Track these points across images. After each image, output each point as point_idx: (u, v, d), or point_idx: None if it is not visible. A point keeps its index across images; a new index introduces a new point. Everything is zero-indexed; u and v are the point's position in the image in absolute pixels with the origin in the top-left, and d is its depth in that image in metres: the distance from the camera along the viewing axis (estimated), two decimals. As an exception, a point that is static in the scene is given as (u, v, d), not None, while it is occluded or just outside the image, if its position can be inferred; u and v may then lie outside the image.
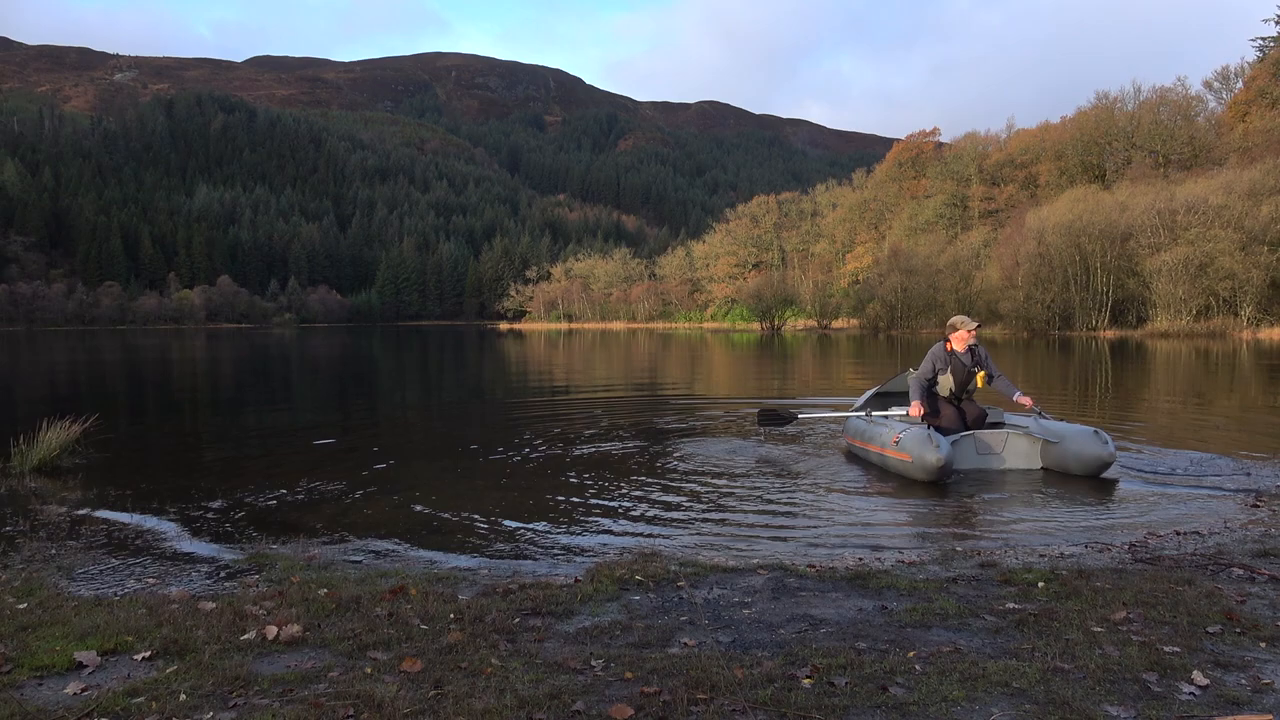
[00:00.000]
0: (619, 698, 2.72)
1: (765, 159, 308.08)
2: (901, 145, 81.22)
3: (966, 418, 7.63)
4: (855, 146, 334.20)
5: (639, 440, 9.31)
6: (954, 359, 7.66)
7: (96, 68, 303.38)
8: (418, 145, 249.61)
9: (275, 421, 12.53)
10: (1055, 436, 7.28)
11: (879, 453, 7.49)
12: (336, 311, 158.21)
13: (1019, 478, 7.05)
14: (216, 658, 3.11)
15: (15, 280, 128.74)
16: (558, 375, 22.63)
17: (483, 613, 3.63)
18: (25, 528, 5.61)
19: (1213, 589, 3.81)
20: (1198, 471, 7.14)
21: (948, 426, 7.45)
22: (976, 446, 7.41)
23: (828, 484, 6.92)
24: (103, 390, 18.80)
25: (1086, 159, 62.18)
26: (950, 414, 7.58)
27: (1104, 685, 2.76)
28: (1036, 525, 5.47)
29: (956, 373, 7.62)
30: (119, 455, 8.63)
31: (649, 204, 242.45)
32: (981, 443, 7.42)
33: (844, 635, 3.32)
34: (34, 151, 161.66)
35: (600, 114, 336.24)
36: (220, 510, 6.11)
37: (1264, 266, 42.04)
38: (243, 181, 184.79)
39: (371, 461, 8.30)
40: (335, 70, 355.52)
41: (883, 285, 61.74)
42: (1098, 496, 6.29)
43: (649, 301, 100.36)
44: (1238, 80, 60.03)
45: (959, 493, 6.48)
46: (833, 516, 5.79)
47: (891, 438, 7.21)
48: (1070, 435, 7.18)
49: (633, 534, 5.39)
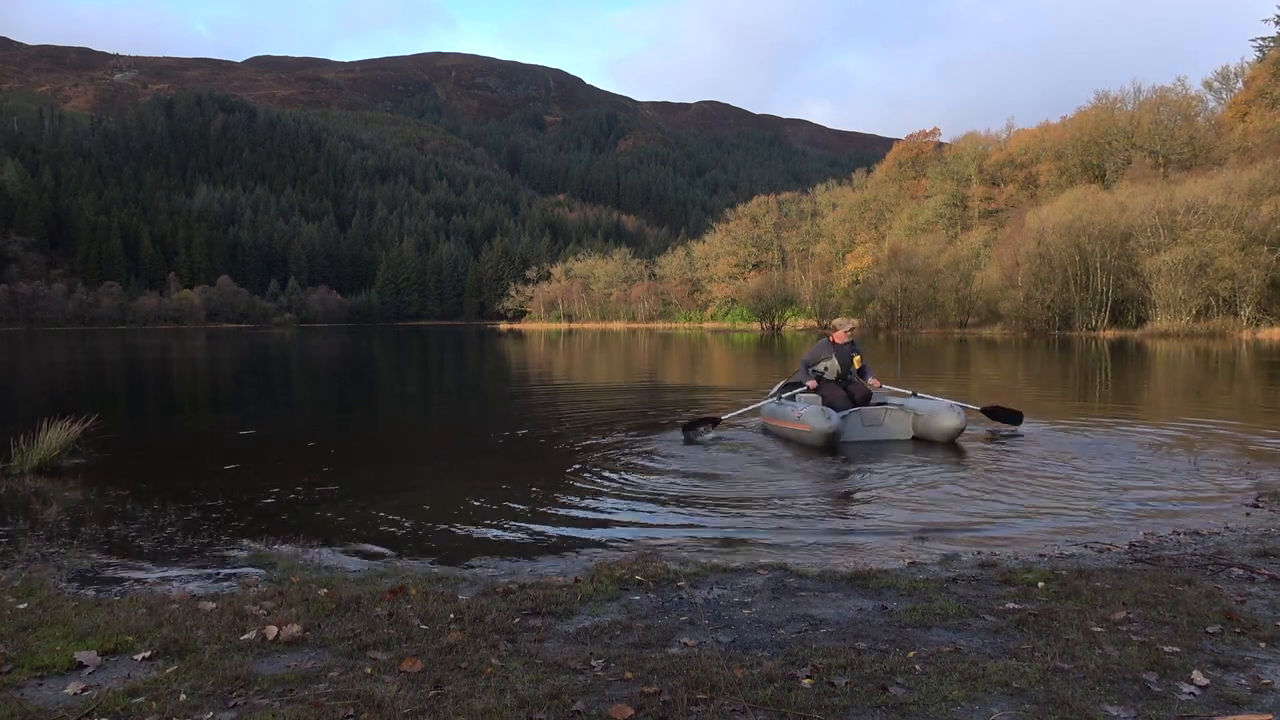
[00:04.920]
0: (619, 698, 2.72)
1: (765, 159, 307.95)
2: (901, 145, 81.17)
3: (855, 397, 9.34)
4: (855, 146, 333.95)
5: (639, 440, 9.31)
6: (837, 349, 9.57)
7: (96, 68, 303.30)
8: (418, 145, 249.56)
9: (275, 421, 12.53)
10: (922, 411, 9.03)
11: (786, 427, 9.10)
12: (336, 311, 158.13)
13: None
14: (216, 658, 3.11)
15: (15, 280, 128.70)
16: (558, 375, 22.62)
17: (483, 613, 3.63)
18: (25, 528, 5.60)
19: (1213, 589, 3.81)
20: (1197, 471, 7.14)
21: (838, 404, 9.11)
22: (862, 419, 9.07)
23: (828, 484, 6.93)
24: (103, 390, 18.80)
25: (1086, 159, 62.11)
26: (839, 393, 9.35)
27: (1104, 685, 2.76)
28: (1036, 525, 5.47)
29: (840, 358, 9.53)
30: (119, 455, 8.63)
31: (649, 204, 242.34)
32: (866, 416, 9.10)
33: (844, 635, 3.32)
34: (34, 151, 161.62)
35: (600, 114, 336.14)
36: (220, 510, 6.10)
37: (1264, 266, 42.00)
38: (243, 181, 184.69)
39: (372, 461, 8.30)
40: (335, 70, 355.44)
41: (883, 285, 61.70)
42: (1098, 497, 6.29)
43: (649, 301, 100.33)
44: (1238, 80, 60.02)
45: (959, 493, 6.48)
46: (833, 516, 5.79)
47: (795, 414, 8.89)
48: (931, 409, 8.96)
49: (633, 534, 5.39)
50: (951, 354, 30.73)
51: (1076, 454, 8.05)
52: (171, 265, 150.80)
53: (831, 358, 9.53)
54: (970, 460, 7.83)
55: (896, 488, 6.69)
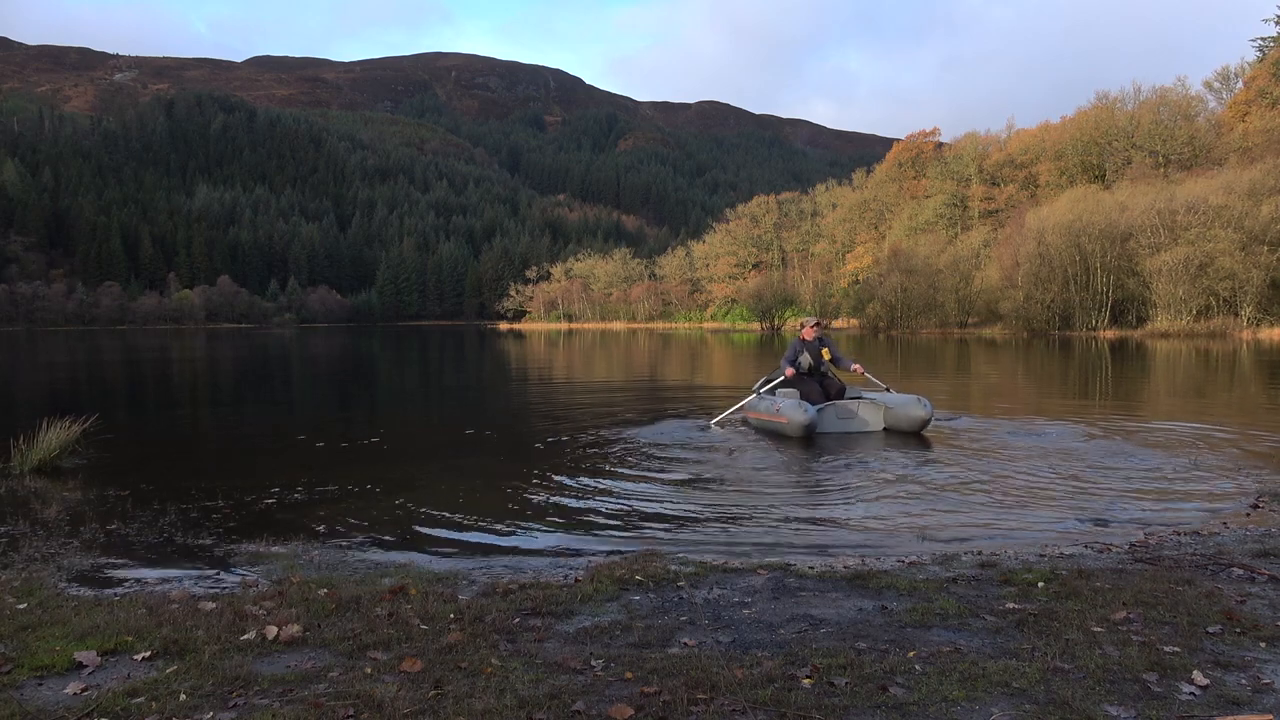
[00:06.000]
0: (619, 698, 2.71)
1: (765, 159, 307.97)
2: (901, 145, 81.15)
3: (829, 392, 10.07)
4: (856, 146, 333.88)
5: (639, 440, 9.31)
6: (807, 345, 10.52)
7: (96, 68, 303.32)
8: (418, 145, 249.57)
9: (275, 421, 12.53)
10: (892, 404, 9.69)
11: (766, 419, 9.77)
12: (336, 311, 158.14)
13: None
14: (216, 658, 3.11)
15: (15, 280, 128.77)
16: (558, 375, 22.62)
17: (483, 613, 3.63)
18: (25, 528, 5.60)
19: (1213, 589, 3.81)
20: (1197, 471, 7.14)
21: (814, 398, 9.78)
22: (837, 412, 9.74)
23: (828, 484, 6.93)
24: (102, 390, 18.80)
25: (1086, 159, 62.09)
26: (814, 388, 10.08)
27: (1104, 685, 2.76)
28: (1036, 525, 5.46)
29: (811, 353, 10.43)
30: (119, 455, 8.62)
31: (649, 204, 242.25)
32: (840, 409, 9.78)
33: (844, 635, 3.32)
34: (34, 151, 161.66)
35: (600, 114, 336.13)
36: (220, 510, 6.10)
37: (1264, 266, 42.00)
38: (243, 181, 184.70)
39: (371, 461, 8.30)
40: (335, 70, 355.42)
41: (883, 285, 61.68)
42: (1098, 497, 6.29)
43: (649, 301, 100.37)
44: (1238, 80, 59.99)
45: (959, 493, 6.48)
46: (833, 516, 5.78)
47: (774, 407, 9.58)
48: (901, 402, 9.62)
49: (633, 534, 5.38)
50: (951, 354, 30.74)
51: (1077, 453, 8.04)
52: (171, 265, 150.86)
53: (804, 353, 10.50)
54: (970, 460, 7.83)
55: (897, 488, 6.69)
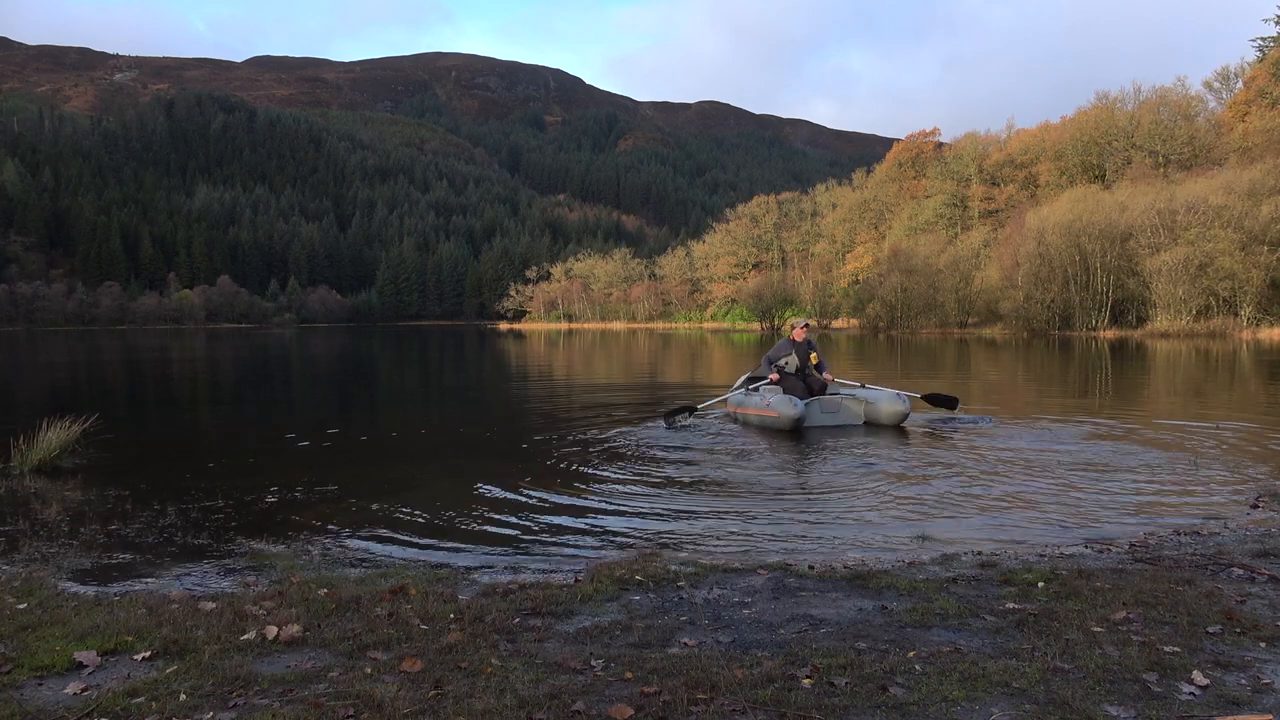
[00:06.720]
0: (619, 698, 2.71)
1: (765, 159, 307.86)
2: (901, 145, 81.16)
3: (812, 389, 10.48)
4: (856, 146, 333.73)
5: (639, 440, 9.31)
6: (796, 346, 10.75)
7: (96, 68, 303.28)
8: (418, 145, 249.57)
9: (275, 421, 12.53)
10: (872, 399, 10.29)
11: (754, 414, 10.18)
12: (336, 311, 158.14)
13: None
14: (216, 658, 3.11)
15: (15, 280, 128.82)
16: (558, 375, 22.62)
17: (483, 613, 3.63)
18: (25, 528, 5.60)
19: (1213, 589, 3.81)
20: (1197, 471, 7.14)
21: (798, 395, 10.15)
22: (821, 407, 10.21)
23: (828, 484, 6.92)
24: (102, 390, 18.80)
25: (1086, 159, 62.08)
26: (799, 385, 10.47)
27: (1104, 685, 2.76)
28: (1036, 525, 5.46)
29: (799, 354, 10.69)
30: (119, 455, 8.62)
31: (649, 204, 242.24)
32: (825, 404, 10.28)
33: (844, 635, 3.32)
34: (34, 151, 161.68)
35: (600, 114, 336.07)
36: (220, 510, 6.10)
37: (1264, 266, 42.00)
38: (243, 181, 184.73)
39: (372, 461, 8.30)
40: (335, 70, 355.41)
41: (883, 285, 61.70)
42: (1098, 497, 6.29)
43: (649, 301, 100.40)
44: (1238, 80, 59.96)
45: (959, 493, 6.48)
46: (833, 516, 5.78)
47: (764, 402, 10.03)
48: (880, 398, 10.24)
49: (633, 534, 5.38)
50: (951, 354, 30.74)
51: (1076, 453, 8.05)
52: (171, 265, 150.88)
53: (791, 354, 10.70)
54: (970, 460, 7.83)
55: (897, 488, 6.69)
